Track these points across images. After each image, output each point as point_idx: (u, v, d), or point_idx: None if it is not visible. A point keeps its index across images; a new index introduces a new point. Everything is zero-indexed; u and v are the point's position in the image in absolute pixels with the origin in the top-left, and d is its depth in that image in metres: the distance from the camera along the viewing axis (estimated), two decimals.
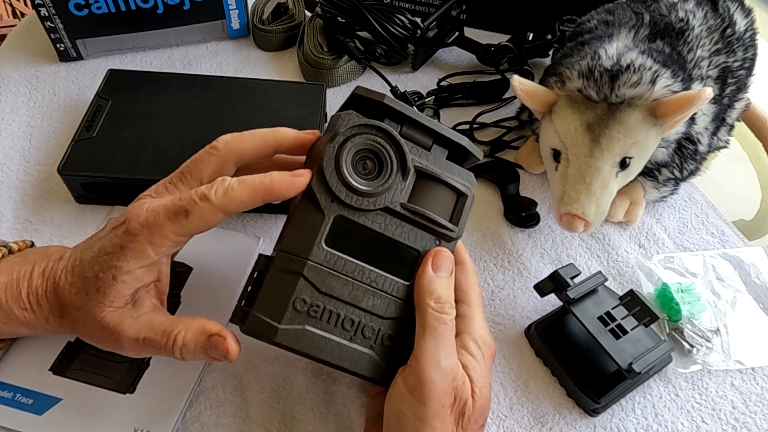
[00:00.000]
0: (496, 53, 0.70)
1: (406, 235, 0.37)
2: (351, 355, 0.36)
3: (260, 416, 0.42)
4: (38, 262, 0.38)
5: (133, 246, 0.34)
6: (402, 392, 0.34)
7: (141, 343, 0.36)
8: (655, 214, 0.60)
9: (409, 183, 0.37)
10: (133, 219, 0.35)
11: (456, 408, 0.34)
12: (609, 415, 0.45)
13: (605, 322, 0.46)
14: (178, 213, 0.34)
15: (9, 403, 0.40)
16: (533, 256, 0.55)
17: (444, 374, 0.34)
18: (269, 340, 0.34)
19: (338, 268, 0.36)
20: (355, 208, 0.36)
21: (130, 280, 0.35)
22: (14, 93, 0.64)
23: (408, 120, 0.38)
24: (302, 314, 0.35)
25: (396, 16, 0.69)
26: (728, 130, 0.61)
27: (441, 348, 0.34)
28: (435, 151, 0.39)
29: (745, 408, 0.47)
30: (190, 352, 0.36)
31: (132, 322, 0.36)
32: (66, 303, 0.36)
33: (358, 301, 0.36)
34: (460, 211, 0.38)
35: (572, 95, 0.49)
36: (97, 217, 0.53)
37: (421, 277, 0.37)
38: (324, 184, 0.35)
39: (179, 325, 0.36)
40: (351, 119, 0.36)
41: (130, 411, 0.41)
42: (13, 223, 0.52)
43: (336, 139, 0.36)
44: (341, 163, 0.36)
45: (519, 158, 0.62)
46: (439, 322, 0.35)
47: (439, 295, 0.36)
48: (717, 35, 0.54)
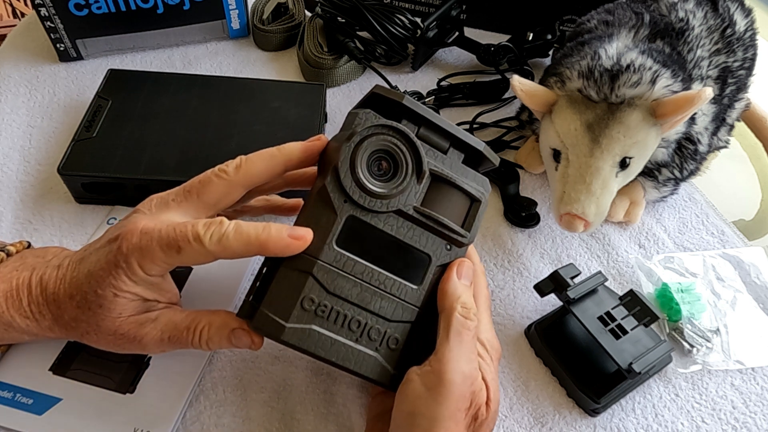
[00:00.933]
0: (496, 53, 0.70)
1: (417, 239, 0.37)
2: (356, 357, 0.36)
3: (260, 416, 0.42)
4: (37, 268, 0.38)
5: (126, 266, 0.34)
6: (418, 391, 0.34)
7: (167, 341, 0.37)
8: (655, 214, 0.60)
9: (424, 186, 0.37)
10: (126, 239, 0.34)
11: (470, 413, 0.35)
12: (609, 415, 0.45)
13: (605, 322, 0.46)
14: (170, 246, 0.34)
15: (9, 403, 0.40)
16: (533, 256, 0.55)
17: (464, 378, 0.34)
18: (276, 338, 0.34)
19: (347, 269, 0.36)
20: (367, 210, 0.36)
21: (131, 296, 0.35)
22: (14, 93, 0.64)
23: (426, 122, 0.37)
24: (309, 313, 0.35)
25: (396, 16, 0.69)
26: (728, 130, 0.61)
27: (464, 352, 0.35)
28: (451, 155, 0.38)
29: (745, 408, 0.47)
30: (215, 343, 0.37)
31: (153, 325, 0.36)
32: (70, 316, 0.36)
33: (366, 302, 0.36)
34: (473, 217, 0.38)
35: (572, 95, 0.49)
36: (97, 217, 0.53)
37: (446, 283, 0.37)
38: (338, 184, 0.35)
39: (202, 321, 0.37)
40: (369, 118, 0.36)
41: (130, 411, 0.41)
42: (13, 223, 0.52)
43: (353, 139, 0.35)
44: (356, 163, 0.35)
45: (519, 158, 0.62)
46: (464, 326, 0.35)
47: (465, 301, 0.36)
48: (717, 35, 0.54)
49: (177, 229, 0.34)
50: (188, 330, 0.37)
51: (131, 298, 0.35)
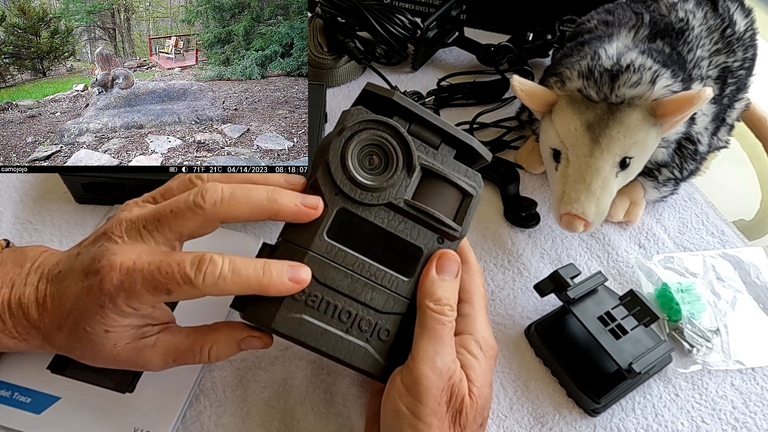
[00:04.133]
0: (496, 53, 0.70)
1: (409, 232, 0.38)
2: (346, 347, 0.36)
3: (260, 416, 0.42)
4: (16, 284, 0.36)
5: (111, 305, 0.33)
6: (399, 389, 0.35)
7: (171, 363, 0.37)
8: (655, 214, 0.60)
9: (414, 180, 0.37)
10: (107, 279, 0.32)
11: (453, 406, 0.35)
12: (609, 415, 0.45)
13: (605, 322, 0.46)
14: (158, 288, 0.32)
15: (7, 401, 0.40)
16: (533, 256, 0.55)
17: (440, 372, 0.34)
18: (266, 327, 0.35)
19: (338, 260, 0.36)
20: (358, 202, 0.36)
21: (123, 329, 0.34)
22: None
23: (416, 118, 0.38)
24: (300, 303, 0.35)
25: (396, 16, 0.69)
26: (728, 130, 0.61)
27: (438, 347, 0.35)
28: (442, 150, 0.39)
29: (745, 408, 0.46)
30: (225, 356, 0.37)
31: (153, 350, 0.36)
32: (61, 343, 0.35)
33: (357, 294, 0.36)
34: (464, 211, 0.38)
35: (572, 95, 0.49)
36: (97, 217, 0.53)
37: (424, 278, 0.37)
38: (329, 177, 0.36)
39: (207, 341, 0.37)
40: (359, 114, 0.37)
41: (129, 410, 0.41)
42: (13, 223, 0.52)
43: (343, 134, 0.36)
44: (347, 156, 0.36)
45: (519, 158, 0.62)
46: (437, 322, 0.35)
47: (438, 297, 0.36)
48: (717, 35, 0.54)
49: (162, 269, 0.32)
50: (193, 351, 0.36)
51: (124, 330, 0.34)
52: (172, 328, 0.37)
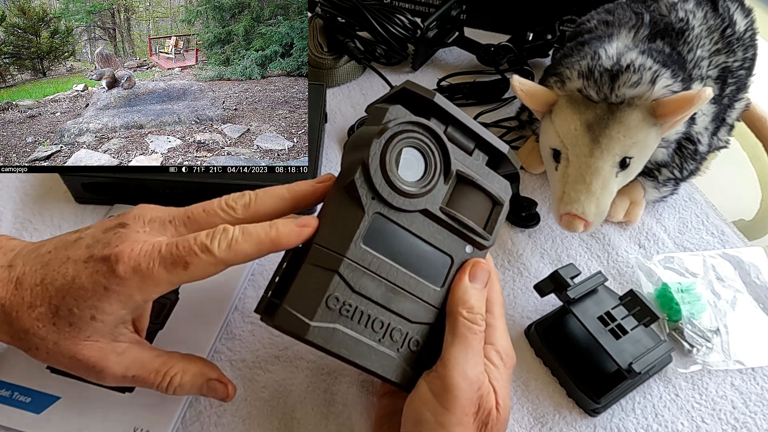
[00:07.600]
0: (496, 53, 0.70)
1: (441, 240, 0.37)
2: (378, 358, 0.35)
3: (260, 416, 0.42)
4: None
5: (119, 290, 0.32)
6: (425, 396, 0.34)
7: (129, 379, 0.35)
8: (655, 214, 0.60)
9: (450, 187, 0.36)
10: (123, 261, 0.32)
11: (479, 417, 0.34)
12: (609, 415, 0.45)
13: (605, 322, 0.46)
14: (176, 263, 0.32)
15: (7, 401, 0.40)
16: (533, 256, 0.55)
17: (470, 382, 0.33)
18: (300, 337, 0.33)
19: (373, 268, 0.35)
20: (395, 208, 0.35)
21: (111, 320, 0.33)
22: None
23: (454, 121, 0.37)
24: (334, 312, 0.34)
25: (396, 16, 0.69)
26: (728, 130, 0.61)
27: (470, 356, 0.34)
28: (476, 156, 0.38)
29: (745, 408, 0.46)
30: (185, 391, 0.36)
31: (117, 358, 0.34)
32: (21, 327, 0.33)
33: (389, 303, 0.35)
34: (495, 220, 0.38)
35: (572, 95, 0.49)
36: (97, 217, 0.53)
37: (456, 285, 0.36)
38: (367, 180, 0.34)
39: (175, 367, 0.36)
40: (400, 114, 0.35)
41: (129, 410, 0.41)
42: (13, 223, 0.52)
43: (384, 135, 0.34)
44: (386, 159, 0.34)
45: (519, 158, 0.62)
46: (469, 330, 0.35)
47: (472, 305, 0.36)
48: (717, 35, 0.54)
49: (179, 244, 0.32)
50: (157, 373, 0.35)
51: (109, 324, 0.33)
52: (144, 344, 0.36)
